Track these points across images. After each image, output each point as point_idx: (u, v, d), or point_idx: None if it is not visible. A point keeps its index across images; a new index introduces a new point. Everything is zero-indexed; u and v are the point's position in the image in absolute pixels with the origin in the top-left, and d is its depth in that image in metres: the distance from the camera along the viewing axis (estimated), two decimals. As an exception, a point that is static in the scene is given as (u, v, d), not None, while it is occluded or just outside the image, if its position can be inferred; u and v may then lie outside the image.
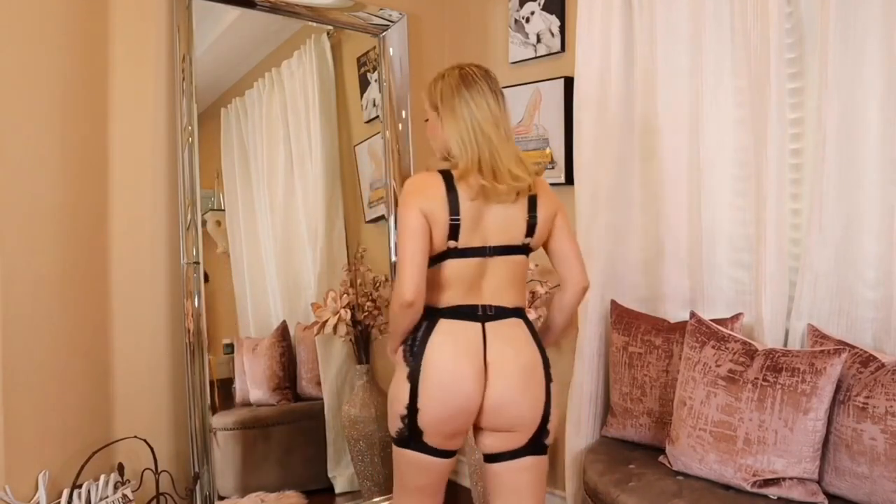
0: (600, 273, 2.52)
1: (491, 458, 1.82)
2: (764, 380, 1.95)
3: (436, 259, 1.74)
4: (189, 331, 2.46)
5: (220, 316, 2.70)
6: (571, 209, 2.64)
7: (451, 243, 1.71)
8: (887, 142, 1.98)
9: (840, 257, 2.08)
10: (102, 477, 2.19)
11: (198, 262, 2.47)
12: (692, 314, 2.23)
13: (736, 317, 2.23)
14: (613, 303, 2.51)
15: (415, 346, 1.73)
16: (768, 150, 2.12)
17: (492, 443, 1.80)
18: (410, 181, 1.77)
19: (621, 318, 2.45)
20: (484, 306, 1.75)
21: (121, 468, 2.29)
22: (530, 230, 1.77)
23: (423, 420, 1.71)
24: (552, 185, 2.85)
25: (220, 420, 2.64)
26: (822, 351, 1.91)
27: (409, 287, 1.66)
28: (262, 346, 2.80)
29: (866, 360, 1.90)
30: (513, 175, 1.69)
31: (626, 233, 2.54)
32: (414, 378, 1.71)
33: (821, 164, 2.05)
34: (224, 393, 2.71)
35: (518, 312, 1.80)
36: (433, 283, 1.74)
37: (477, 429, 1.81)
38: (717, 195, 2.31)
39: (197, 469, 2.44)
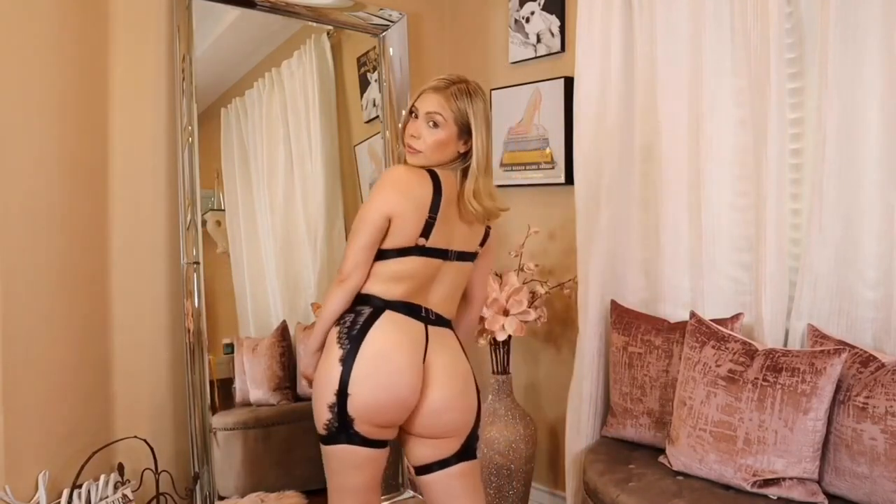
0: (600, 273, 2.52)
1: (423, 469, 1.83)
2: (764, 380, 1.95)
3: (400, 252, 1.75)
4: (189, 331, 2.45)
5: (220, 316, 2.70)
6: (571, 209, 2.64)
7: (422, 240, 1.75)
8: (887, 142, 1.98)
9: (840, 257, 2.07)
10: (102, 477, 2.19)
11: (198, 262, 2.47)
12: (692, 314, 2.23)
13: (736, 317, 2.23)
14: (613, 303, 2.51)
15: (354, 330, 1.71)
16: (768, 150, 2.12)
17: (423, 452, 1.82)
18: (397, 175, 1.79)
19: (621, 318, 2.45)
20: (427, 309, 1.80)
21: (121, 468, 2.29)
22: (484, 239, 1.89)
23: (354, 405, 1.67)
24: (552, 185, 2.87)
25: (220, 420, 2.63)
26: (822, 351, 1.91)
27: (348, 265, 1.72)
28: (262, 346, 2.80)
29: (866, 360, 1.90)
30: (491, 196, 1.82)
31: (626, 233, 2.54)
32: (348, 361, 1.68)
33: (821, 164, 2.05)
34: (224, 393, 2.70)
35: (451, 324, 1.87)
36: (388, 276, 1.76)
37: (408, 437, 1.81)
38: (717, 195, 2.31)
39: (197, 469, 2.44)
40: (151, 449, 2.33)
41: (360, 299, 1.77)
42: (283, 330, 2.85)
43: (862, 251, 2.05)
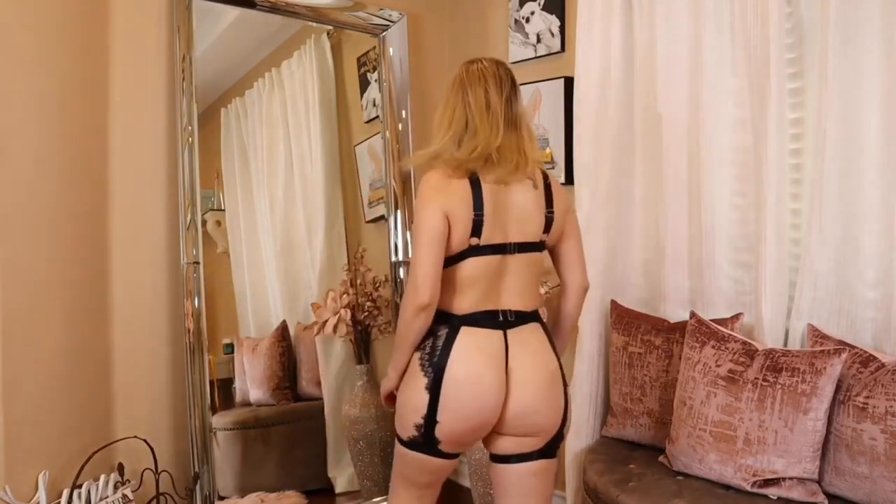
0: (600, 273, 2.52)
1: (500, 458, 1.79)
2: (764, 380, 1.95)
3: (456, 258, 1.68)
4: (189, 331, 2.45)
5: (220, 316, 2.70)
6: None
7: (474, 240, 1.67)
8: (887, 142, 1.98)
9: (840, 257, 2.07)
10: (102, 477, 2.19)
11: (198, 262, 2.47)
12: (692, 314, 2.23)
13: (736, 317, 2.23)
14: (613, 303, 2.51)
15: (434, 356, 1.67)
16: (768, 150, 2.12)
17: (506, 445, 1.77)
18: (431, 175, 1.70)
19: (621, 318, 2.45)
20: (504, 312, 1.71)
21: (121, 468, 2.29)
22: (548, 226, 1.76)
23: (442, 432, 1.67)
24: (552, 185, 2.87)
25: (220, 420, 2.64)
26: (822, 351, 1.91)
27: (425, 288, 1.62)
28: (262, 346, 2.80)
29: (866, 360, 1.90)
30: (499, 151, 1.67)
31: (626, 233, 2.54)
32: (434, 390, 1.66)
33: (821, 164, 2.05)
34: (224, 393, 2.71)
35: (535, 316, 1.77)
36: (452, 285, 1.70)
37: (492, 431, 1.77)
38: (717, 195, 2.30)
39: (197, 469, 2.44)
40: (151, 449, 2.33)
41: (436, 317, 1.70)
42: (283, 330, 2.85)
43: (862, 251, 2.04)
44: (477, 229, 1.66)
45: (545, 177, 1.77)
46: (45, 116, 2.10)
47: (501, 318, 1.71)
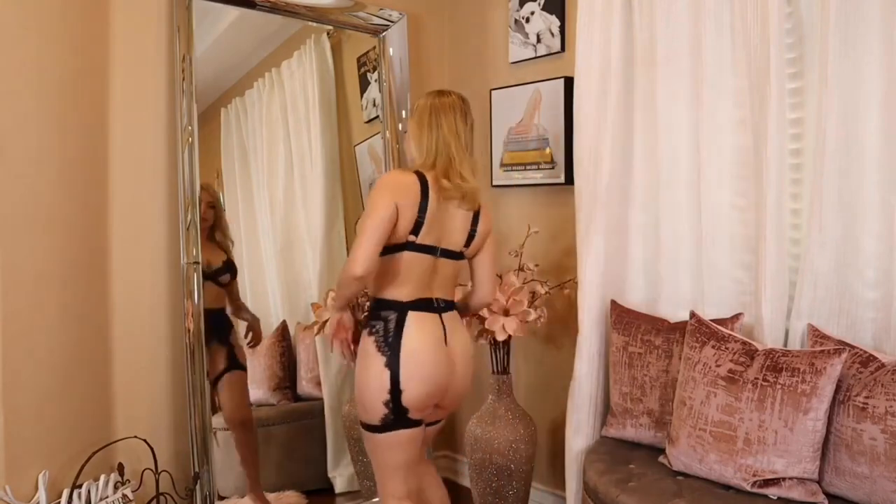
0: (600, 273, 2.52)
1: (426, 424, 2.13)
2: (764, 380, 1.95)
3: (395, 248, 1.96)
4: (189, 331, 2.45)
5: (220, 316, 2.70)
6: (571, 209, 2.64)
7: (412, 237, 1.96)
8: (887, 142, 1.98)
9: (840, 257, 2.07)
10: (102, 477, 2.19)
11: (198, 262, 2.47)
12: (692, 314, 2.23)
13: (736, 317, 2.23)
14: (613, 303, 2.51)
15: (389, 338, 1.96)
16: (768, 150, 2.12)
17: (439, 414, 2.14)
18: (390, 174, 2.09)
19: (621, 318, 2.45)
20: (437, 299, 2.05)
21: (121, 468, 2.30)
22: (468, 241, 2.10)
23: (408, 398, 1.94)
24: (552, 185, 2.87)
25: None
26: (822, 351, 1.91)
27: (362, 263, 1.88)
28: (262, 346, 2.80)
29: (866, 360, 1.90)
30: (462, 177, 2.01)
31: (626, 233, 2.54)
32: (394, 365, 1.93)
33: (821, 165, 2.05)
34: (224, 393, 2.70)
35: (454, 305, 2.14)
36: (394, 275, 1.98)
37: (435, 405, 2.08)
38: (717, 195, 2.30)
39: (197, 469, 2.44)
40: (151, 449, 2.34)
41: (381, 304, 2.01)
42: (283, 330, 2.85)
43: (862, 251, 2.04)
44: (416, 228, 1.96)
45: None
46: (45, 116, 2.10)
47: (436, 304, 2.04)
